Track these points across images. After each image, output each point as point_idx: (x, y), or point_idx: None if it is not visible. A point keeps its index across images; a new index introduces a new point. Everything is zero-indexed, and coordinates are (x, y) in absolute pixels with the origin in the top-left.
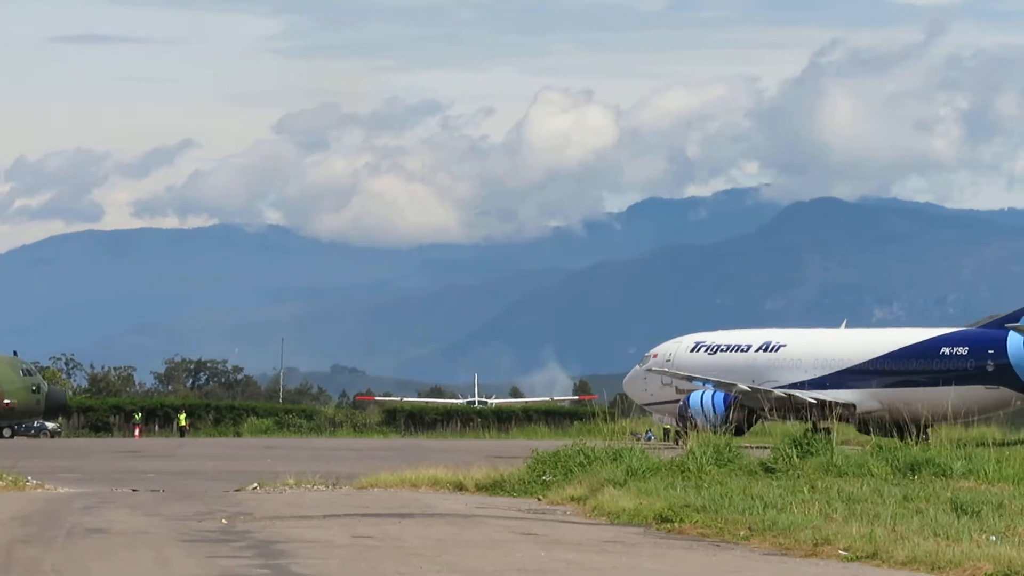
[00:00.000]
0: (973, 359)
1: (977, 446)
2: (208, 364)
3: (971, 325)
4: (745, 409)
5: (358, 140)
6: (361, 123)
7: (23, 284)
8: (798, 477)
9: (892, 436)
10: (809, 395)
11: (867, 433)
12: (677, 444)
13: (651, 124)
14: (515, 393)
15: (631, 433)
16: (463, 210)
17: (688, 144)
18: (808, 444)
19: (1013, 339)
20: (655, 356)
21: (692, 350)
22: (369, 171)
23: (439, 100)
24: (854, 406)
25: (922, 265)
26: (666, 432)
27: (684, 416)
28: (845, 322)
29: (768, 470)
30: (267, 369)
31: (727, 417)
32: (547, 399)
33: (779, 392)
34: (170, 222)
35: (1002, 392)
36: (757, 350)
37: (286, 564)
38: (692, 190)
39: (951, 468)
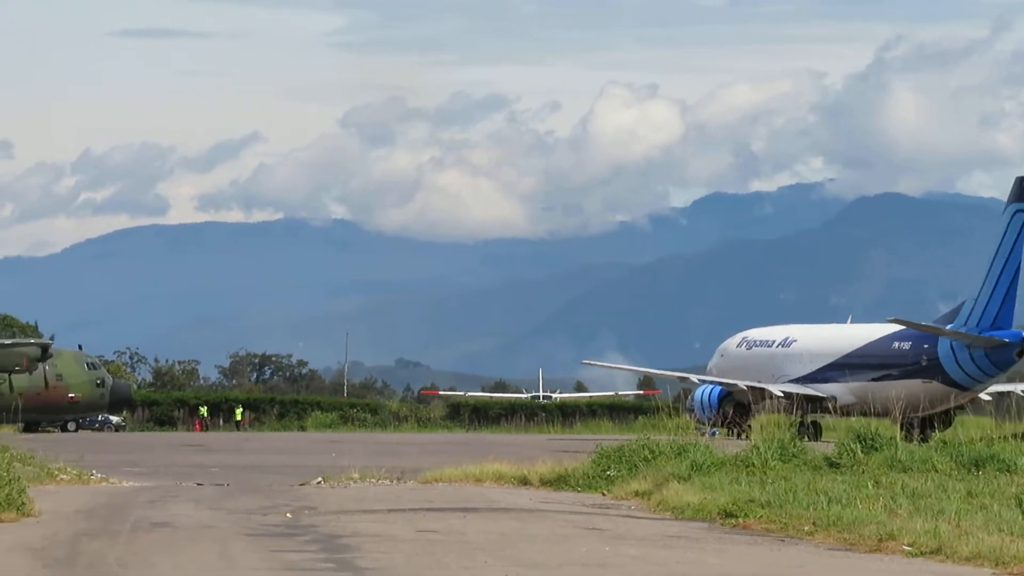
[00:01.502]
0: (913, 354)
1: None
2: (272, 358)
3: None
4: (737, 403)
5: (423, 134)
6: (426, 117)
7: (88, 278)
8: (862, 472)
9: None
10: (791, 389)
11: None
12: (739, 438)
13: (716, 119)
14: (579, 388)
15: (695, 428)
16: (528, 204)
17: (753, 139)
18: (873, 439)
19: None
20: (718, 351)
21: (738, 345)
22: (434, 165)
23: (505, 95)
24: (835, 399)
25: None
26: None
27: (690, 409)
28: (851, 318)
29: (832, 465)
30: (331, 363)
31: (720, 410)
32: (611, 393)
33: (742, 385)
34: (235, 216)
35: (935, 386)
36: (777, 345)
37: (351, 558)
38: (757, 185)
39: (1016, 464)
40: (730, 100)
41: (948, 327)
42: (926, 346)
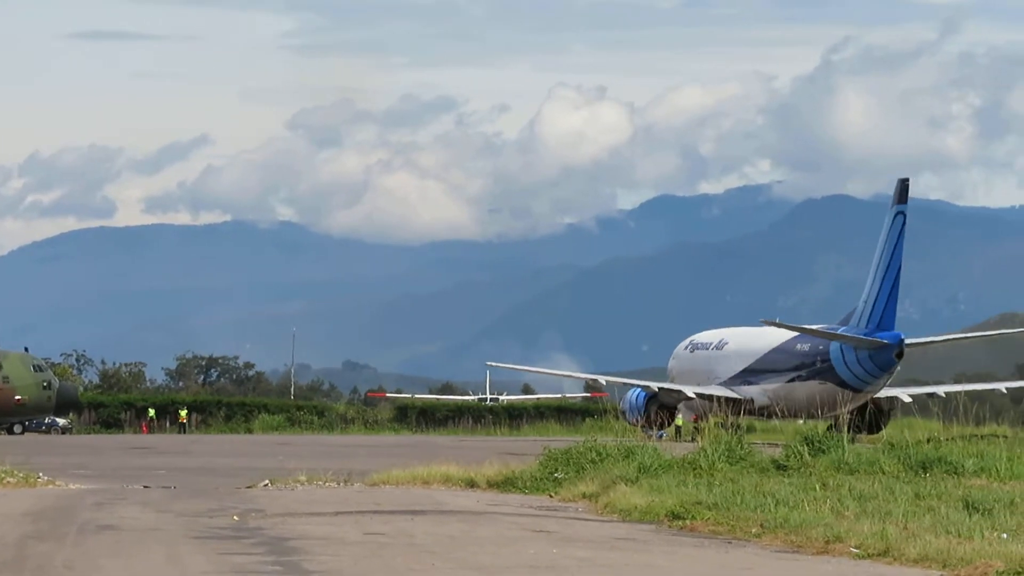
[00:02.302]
0: (811, 356)
1: (988, 443)
2: (220, 360)
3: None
4: (661, 405)
5: (372, 137)
6: (375, 120)
7: (35, 280)
8: (810, 475)
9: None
10: (709, 391)
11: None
12: (692, 440)
13: (664, 121)
14: (527, 390)
15: (642, 429)
16: (476, 207)
17: (701, 141)
18: (820, 442)
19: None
20: (672, 355)
21: (685, 348)
22: (382, 168)
23: (454, 97)
24: (752, 400)
25: (934, 263)
26: (677, 429)
27: (622, 412)
28: (778, 319)
29: (780, 467)
30: (279, 365)
31: (645, 412)
32: (559, 396)
33: (654, 387)
34: (182, 218)
35: (829, 387)
36: (713, 348)
37: (298, 561)
38: (705, 187)
39: (963, 466)
40: (678, 102)
41: (841, 330)
42: (821, 348)
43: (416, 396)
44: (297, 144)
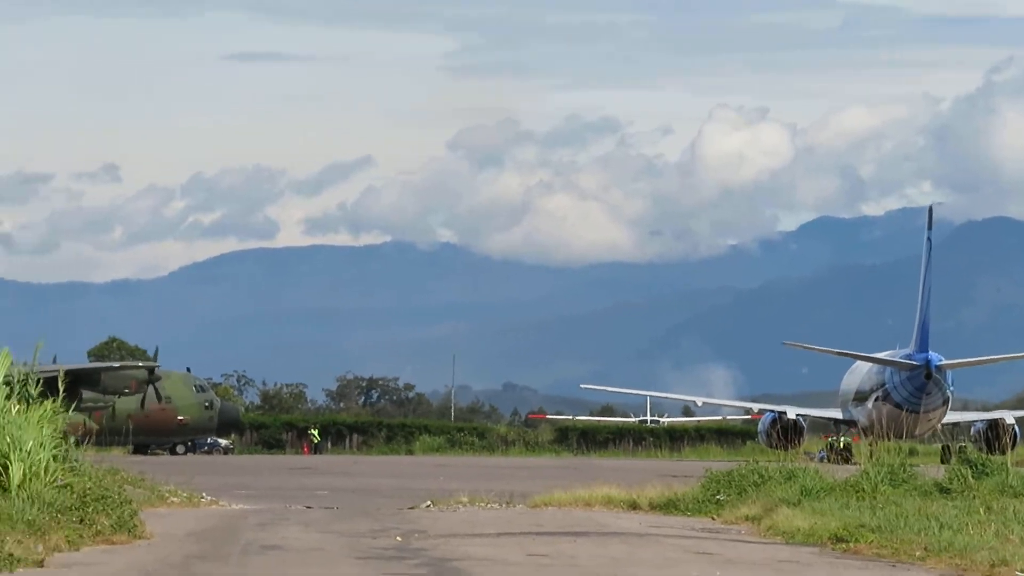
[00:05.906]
0: (879, 380)
1: None
2: (380, 382)
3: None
4: (782, 427)
5: (532, 158)
6: (536, 141)
7: (196, 300)
8: (973, 498)
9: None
10: (814, 413)
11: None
12: (848, 463)
13: (824, 143)
14: (687, 412)
15: (804, 452)
16: (636, 229)
17: (862, 163)
18: (983, 464)
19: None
20: None
21: (847, 372)
22: (543, 189)
23: (618, 119)
24: (856, 422)
25: None
26: (839, 451)
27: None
28: (898, 345)
29: (943, 491)
30: (439, 387)
31: (768, 432)
32: (719, 418)
33: (755, 409)
34: (342, 239)
35: (891, 410)
36: (849, 373)
37: None
38: (865, 209)
39: None
40: (838, 124)
41: (886, 354)
42: (883, 372)
43: (577, 418)
44: (457, 165)
